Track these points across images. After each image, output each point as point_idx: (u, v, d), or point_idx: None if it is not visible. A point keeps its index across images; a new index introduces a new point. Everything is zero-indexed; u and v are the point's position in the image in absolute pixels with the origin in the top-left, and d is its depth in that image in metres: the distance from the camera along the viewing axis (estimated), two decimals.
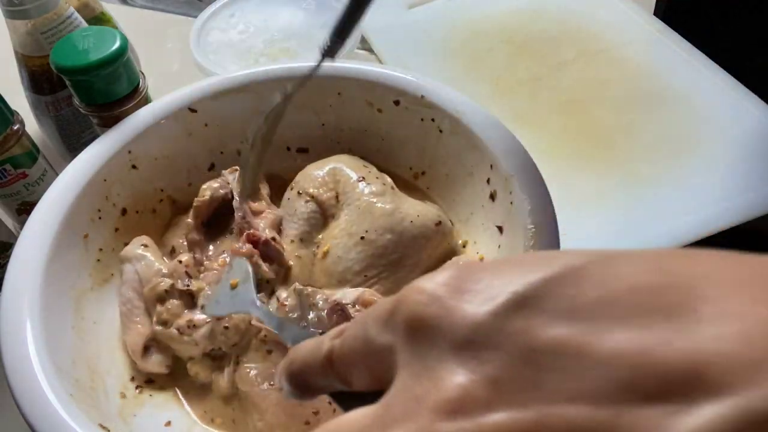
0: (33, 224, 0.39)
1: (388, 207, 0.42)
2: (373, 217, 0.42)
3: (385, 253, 0.41)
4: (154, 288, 0.40)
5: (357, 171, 0.45)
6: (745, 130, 0.56)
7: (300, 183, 0.45)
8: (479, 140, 0.42)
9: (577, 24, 0.68)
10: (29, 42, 0.50)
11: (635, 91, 0.61)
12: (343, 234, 0.42)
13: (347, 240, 0.42)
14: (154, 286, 0.40)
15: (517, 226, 0.38)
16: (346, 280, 0.41)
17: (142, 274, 0.41)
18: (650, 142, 0.56)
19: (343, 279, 0.41)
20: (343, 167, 0.45)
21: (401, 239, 0.41)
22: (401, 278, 0.42)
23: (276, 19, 0.64)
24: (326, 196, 0.44)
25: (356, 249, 0.41)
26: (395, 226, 0.41)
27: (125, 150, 0.44)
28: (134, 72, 0.47)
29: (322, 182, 0.45)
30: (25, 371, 0.32)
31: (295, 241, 0.44)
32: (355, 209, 0.43)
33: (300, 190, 0.45)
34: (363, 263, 0.41)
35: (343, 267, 0.41)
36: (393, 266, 0.42)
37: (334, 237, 0.42)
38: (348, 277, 0.41)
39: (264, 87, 0.48)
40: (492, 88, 0.61)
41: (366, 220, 0.42)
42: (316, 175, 0.45)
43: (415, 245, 0.42)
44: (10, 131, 0.45)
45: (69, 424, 0.31)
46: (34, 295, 0.36)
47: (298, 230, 0.44)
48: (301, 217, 0.44)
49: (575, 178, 0.53)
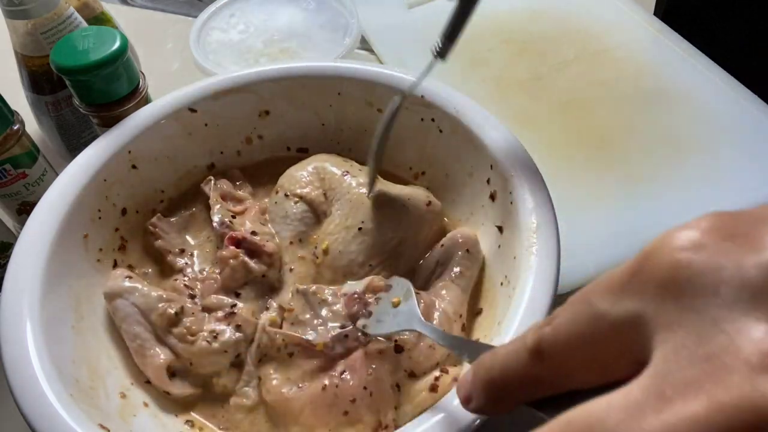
0: (33, 224, 0.39)
1: (380, 196, 0.43)
2: (365, 207, 0.42)
3: (386, 241, 0.42)
4: (164, 313, 0.39)
5: (340, 166, 0.45)
6: (745, 130, 0.56)
7: (285, 186, 0.45)
8: (479, 140, 0.42)
9: (577, 24, 0.68)
10: (29, 42, 0.50)
11: (635, 91, 0.61)
12: (339, 229, 0.42)
13: (345, 234, 0.42)
14: (163, 311, 0.39)
15: (517, 226, 0.38)
16: (352, 273, 0.42)
17: (141, 305, 0.40)
18: (650, 142, 0.56)
19: (348, 272, 0.42)
20: (326, 165, 0.46)
21: (399, 224, 0.42)
22: (404, 262, 0.43)
23: (276, 19, 0.64)
24: (315, 194, 0.44)
25: (356, 241, 0.42)
26: (391, 212, 0.42)
27: (125, 150, 0.44)
28: (134, 72, 0.47)
29: (308, 182, 0.45)
30: (25, 371, 0.32)
31: (294, 243, 0.44)
32: (346, 203, 0.43)
33: (287, 192, 0.45)
34: (365, 254, 0.42)
35: (346, 260, 0.42)
36: (394, 251, 0.42)
37: (330, 233, 0.43)
38: (353, 270, 0.42)
39: (264, 87, 0.48)
40: (492, 88, 0.61)
41: (360, 212, 0.42)
42: (300, 175, 0.45)
43: (412, 227, 0.42)
44: (10, 131, 0.45)
45: (69, 424, 0.31)
46: (34, 295, 0.36)
47: (294, 231, 0.44)
48: (294, 218, 0.44)
49: (575, 178, 0.53)
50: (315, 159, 0.47)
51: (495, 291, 0.39)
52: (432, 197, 0.44)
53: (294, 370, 0.38)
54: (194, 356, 0.39)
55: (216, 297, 0.41)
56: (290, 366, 0.38)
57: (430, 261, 0.43)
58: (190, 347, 0.39)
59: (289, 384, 0.37)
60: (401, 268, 0.42)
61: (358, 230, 0.42)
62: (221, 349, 0.39)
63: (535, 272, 0.35)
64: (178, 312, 0.39)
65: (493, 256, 0.41)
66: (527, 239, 0.36)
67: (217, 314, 0.40)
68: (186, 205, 0.48)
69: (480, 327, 0.39)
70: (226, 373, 0.39)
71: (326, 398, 0.36)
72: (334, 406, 0.36)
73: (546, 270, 0.35)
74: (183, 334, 0.39)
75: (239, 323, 0.40)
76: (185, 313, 0.40)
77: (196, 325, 0.39)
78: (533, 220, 0.37)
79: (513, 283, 0.36)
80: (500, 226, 0.41)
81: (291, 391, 0.37)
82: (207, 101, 0.47)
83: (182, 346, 0.39)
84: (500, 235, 0.41)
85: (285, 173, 0.47)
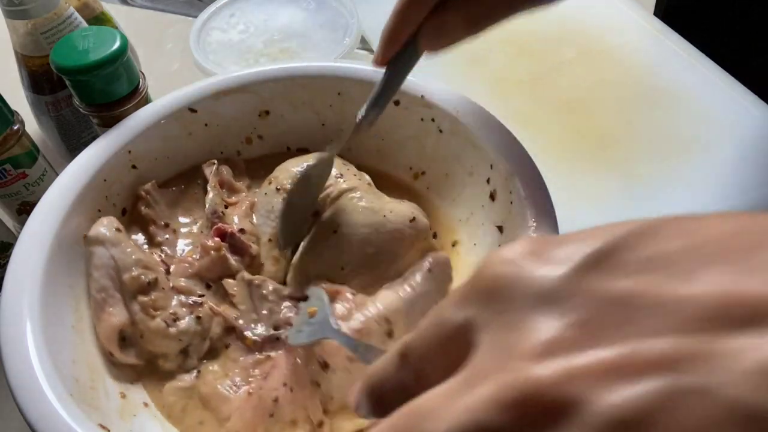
0: (33, 224, 0.39)
1: (362, 203, 0.43)
2: (346, 213, 0.42)
3: (360, 248, 0.42)
4: (137, 278, 0.39)
5: (337, 168, 0.45)
6: (745, 130, 0.56)
7: (279, 178, 0.45)
8: (479, 140, 0.42)
9: (577, 24, 0.68)
10: (29, 42, 0.50)
11: (635, 91, 0.61)
12: (314, 230, 0.43)
13: (319, 236, 0.42)
14: (137, 275, 0.39)
15: (517, 226, 0.38)
16: (323, 275, 0.41)
17: (119, 260, 0.39)
18: (650, 142, 0.56)
19: (320, 274, 0.41)
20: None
21: (376, 234, 0.42)
22: (379, 274, 0.42)
23: (276, 19, 0.64)
24: None
25: (329, 244, 0.42)
26: (370, 220, 0.42)
27: (125, 150, 0.44)
28: (134, 72, 0.47)
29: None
30: (25, 371, 0.32)
31: (273, 240, 0.43)
32: (330, 205, 0.43)
33: (278, 185, 0.44)
34: (338, 258, 0.42)
35: (318, 263, 0.42)
36: (370, 261, 0.42)
37: (308, 234, 0.43)
38: (325, 272, 0.41)
39: (264, 87, 0.48)
40: (492, 88, 0.61)
41: (339, 216, 0.42)
42: (295, 171, 0.45)
43: (390, 240, 0.42)
44: (10, 131, 0.45)
45: (69, 424, 0.31)
46: (34, 295, 0.36)
47: (275, 229, 0.44)
48: (278, 215, 0.43)
49: (575, 178, 0.53)
50: (315, 157, 0.47)
51: None
52: (419, 214, 0.43)
53: (229, 363, 0.38)
54: (148, 332, 0.38)
55: (186, 281, 0.41)
56: (225, 357, 0.39)
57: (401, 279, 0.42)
58: (148, 321, 0.38)
59: (223, 379, 0.38)
60: (375, 280, 0.42)
61: (333, 232, 0.42)
62: (176, 335, 0.38)
63: None
64: (151, 281, 0.39)
65: None
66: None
67: (182, 299, 0.40)
68: (183, 181, 0.48)
69: None
70: (173, 357, 0.39)
71: (251, 402, 0.36)
72: (258, 409, 0.36)
73: None
74: (146, 305, 0.38)
75: (200, 315, 0.39)
76: (156, 286, 0.39)
77: (162, 301, 0.39)
78: (533, 220, 0.37)
79: None
80: (500, 226, 0.41)
81: (224, 388, 0.37)
82: (207, 101, 0.47)
83: (141, 317, 0.38)
84: (500, 235, 0.41)
85: (281, 165, 0.46)
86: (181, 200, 0.47)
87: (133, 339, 0.39)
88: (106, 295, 0.39)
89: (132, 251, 0.40)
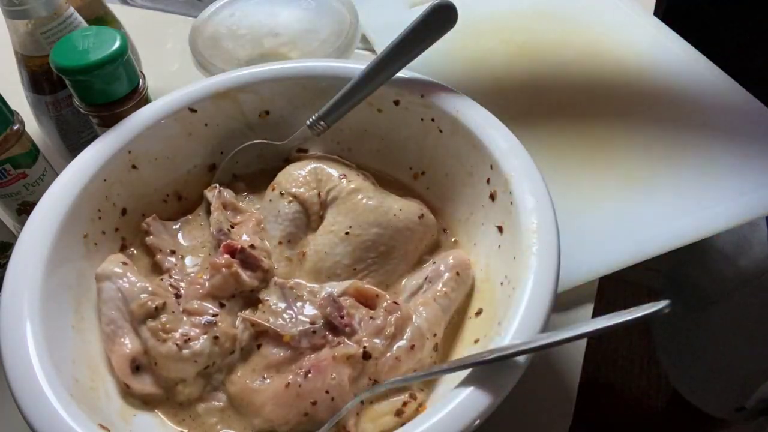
0: (33, 224, 0.39)
1: (372, 202, 0.43)
2: (356, 213, 0.43)
3: (372, 247, 0.42)
4: (144, 304, 0.39)
5: (338, 169, 0.45)
6: (745, 130, 0.56)
7: (282, 183, 0.45)
8: (479, 140, 0.42)
9: (577, 24, 0.68)
10: (29, 42, 0.50)
11: (635, 91, 0.61)
12: (326, 231, 0.43)
13: (332, 237, 0.42)
14: (144, 302, 0.39)
15: (517, 226, 0.38)
16: (336, 274, 0.42)
17: (125, 291, 0.39)
18: (650, 142, 0.56)
19: (332, 274, 0.42)
20: (324, 166, 0.46)
21: (387, 232, 0.42)
22: (390, 270, 0.43)
23: (276, 19, 0.64)
24: (309, 195, 0.44)
25: (343, 244, 0.42)
26: (380, 220, 0.42)
27: (125, 150, 0.44)
28: (134, 72, 0.47)
29: (304, 181, 0.45)
30: (25, 371, 0.32)
31: (283, 243, 0.44)
32: (338, 207, 0.43)
33: (282, 190, 0.45)
34: (351, 257, 0.42)
35: (331, 262, 0.42)
36: (382, 258, 0.42)
37: (319, 235, 0.43)
38: (337, 272, 0.42)
39: (264, 87, 0.48)
40: (492, 88, 0.61)
41: (349, 216, 0.43)
42: (297, 174, 0.45)
43: (400, 238, 0.43)
44: (10, 131, 0.45)
45: (69, 424, 0.31)
46: (34, 295, 0.36)
47: (284, 231, 0.44)
48: (285, 218, 0.44)
49: (575, 178, 0.53)
50: (315, 159, 0.47)
51: (495, 291, 0.39)
52: (426, 211, 0.44)
53: (259, 360, 0.38)
54: (160, 357, 0.38)
55: (198, 303, 0.40)
56: (255, 356, 0.38)
57: (420, 276, 0.43)
58: (160, 346, 0.38)
59: (253, 375, 0.38)
60: (387, 276, 0.43)
61: (345, 234, 0.42)
62: (190, 357, 0.38)
63: (535, 272, 0.35)
64: (159, 307, 0.39)
65: (493, 256, 0.41)
66: (527, 239, 0.36)
67: (195, 320, 0.39)
68: (186, 210, 0.48)
69: (480, 327, 0.39)
70: (192, 382, 0.38)
71: (288, 396, 0.36)
72: (294, 406, 0.36)
73: (546, 270, 0.35)
74: (156, 329, 0.38)
75: (217, 335, 0.38)
76: (166, 310, 0.39)
77: (172, 324, 0.38)
78: (533, 220, 0.37)
79: (513, 283, 0.36)
80: (500, 226, 0.41)
81: (254, 383, 0.37)
82: (207, 101, 0.47)
83: (152, 343, 0.38)
84: (500, 235, 0.41)
85: (284, 170, 0.47)
86: (185, 228, 0.47)
87: (148, 367, 0.38)
88: (116, 327, 0.39)
89: (137, 280, 0.40)
